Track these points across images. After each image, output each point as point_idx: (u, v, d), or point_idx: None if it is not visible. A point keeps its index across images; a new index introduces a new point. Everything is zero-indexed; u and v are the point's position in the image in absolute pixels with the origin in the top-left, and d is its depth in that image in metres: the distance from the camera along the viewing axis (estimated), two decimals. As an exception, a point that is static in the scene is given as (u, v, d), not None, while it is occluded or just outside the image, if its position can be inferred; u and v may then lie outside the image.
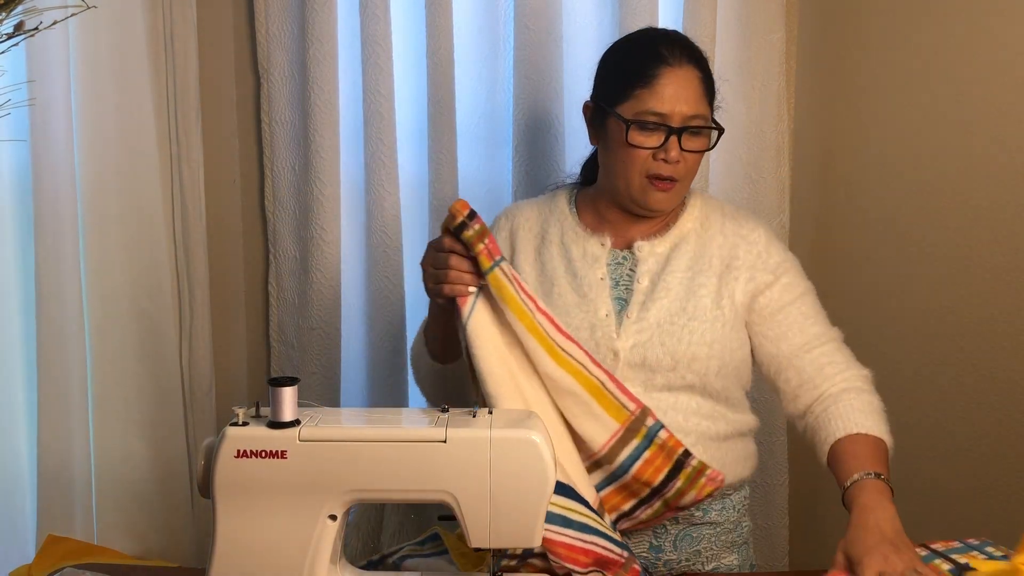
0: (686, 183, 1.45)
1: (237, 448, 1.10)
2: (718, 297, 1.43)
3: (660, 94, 1.39)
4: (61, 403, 1.64)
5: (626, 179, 1.43)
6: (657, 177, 1.41)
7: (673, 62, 1.40)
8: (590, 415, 1.34)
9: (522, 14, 1.85)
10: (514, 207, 1.58)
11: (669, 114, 1.39)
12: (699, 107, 1.41)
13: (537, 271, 1.49)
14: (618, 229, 1.49)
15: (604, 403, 1.34)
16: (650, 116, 1.39)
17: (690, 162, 1.42)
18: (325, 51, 1.83)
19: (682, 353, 1.40)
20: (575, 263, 1.47)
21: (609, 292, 1.44)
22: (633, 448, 1.34)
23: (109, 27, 1.63)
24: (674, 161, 1.40)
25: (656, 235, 1.48)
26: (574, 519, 1.25)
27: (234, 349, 1.99)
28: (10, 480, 1.66)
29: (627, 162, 1.42)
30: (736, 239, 1.48)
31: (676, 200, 1.46)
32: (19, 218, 1.64)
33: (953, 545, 1.25)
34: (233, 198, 1.96)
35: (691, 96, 1.40)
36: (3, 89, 1.24)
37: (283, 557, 1.12)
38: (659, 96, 1.39)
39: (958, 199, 1.83)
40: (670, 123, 1.39)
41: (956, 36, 1.81)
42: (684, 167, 1.42)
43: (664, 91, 1.39)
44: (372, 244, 1.91)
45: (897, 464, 1.96)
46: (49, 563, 1.34)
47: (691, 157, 1.42)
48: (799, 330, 1.45)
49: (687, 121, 1.39)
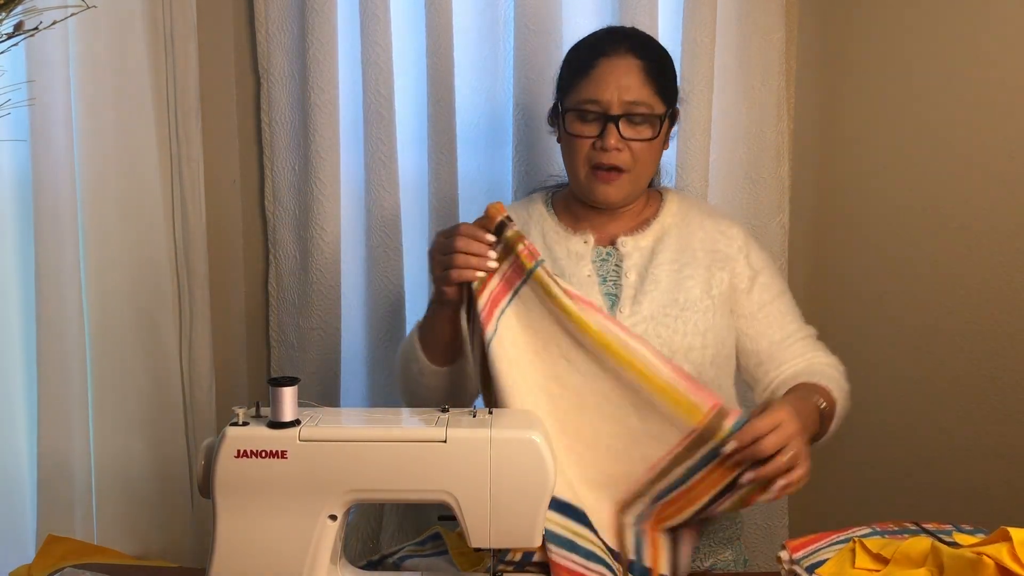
0: (637, 174, 1.44)
1: (237, 448, 1.10)
2: (707, 287, 1.45)
3: (596, 82, 1.41)
4: (61, 403, 1.64)
5: (574, 172, 1.46)
6: (599, 167, 1.42)
7: (611, 52, 1.42)
8: (655, 415, 1.25)
9: (522, 14, 1.85)
10: None
11: (606, 102, 1.40)
12: (640, 94, 1.41)
13: None
14: (597, 226, 1.51)
15: (672, 401, 1.25)
16: (588, 105, 1.42)
17: (636, 151, 1.42)
18: (325, 51, 1.83)
19: (678, 344, 1.41)
20: (560, 262, 1.48)
21: (598, 288, 1.45)
22: (703, 455, 1.25)
23: (109, 27, 1.63)
24: (613, 148, 1.40)
25: (638, 230, 1.50)
26: (581, 545, 1.24)
27: (234, 349, 1.99)
28: (10, 480, 1.66)
29: (572, 153, 1.45)
30: (716, 234, 1.50)
31: (625, 192, 1.45)
32: (19, 218, 1.64)
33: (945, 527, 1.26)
34: (233, 198, 1.96)
35: (631, 83, 1.41)
36: (3, 89, 1.24)
37: (283, 557, 1.12)
38: (595, 84, 1.41)
39: (958, 198, 1.83)
40: (608, 110, 1.40)
41: (956, 36, 1.81)
42: (629, 156, 1.42)
43: (600, 79, 1.41)
44: (372, 244, 1.91)
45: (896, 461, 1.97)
46: (49, 563, 1.34)
47: (637, 146, 1.42)
48: (778, 327, 1.48)
49: (627, 108, 1.40)
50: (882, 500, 1.96)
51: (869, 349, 1.93)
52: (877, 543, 1.17)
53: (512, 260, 1.29)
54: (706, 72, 1.86)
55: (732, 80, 1.92)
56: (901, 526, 1.27)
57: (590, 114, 1.42)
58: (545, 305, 1.28)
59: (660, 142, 1.46)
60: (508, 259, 1.30)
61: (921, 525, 1.26)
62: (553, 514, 1.23)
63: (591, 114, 1.42)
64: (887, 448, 1.97)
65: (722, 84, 1.91)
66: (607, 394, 1.27)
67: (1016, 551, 1.05)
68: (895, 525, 1.28)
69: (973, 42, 1.79)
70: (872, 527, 1.26)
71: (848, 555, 1.18)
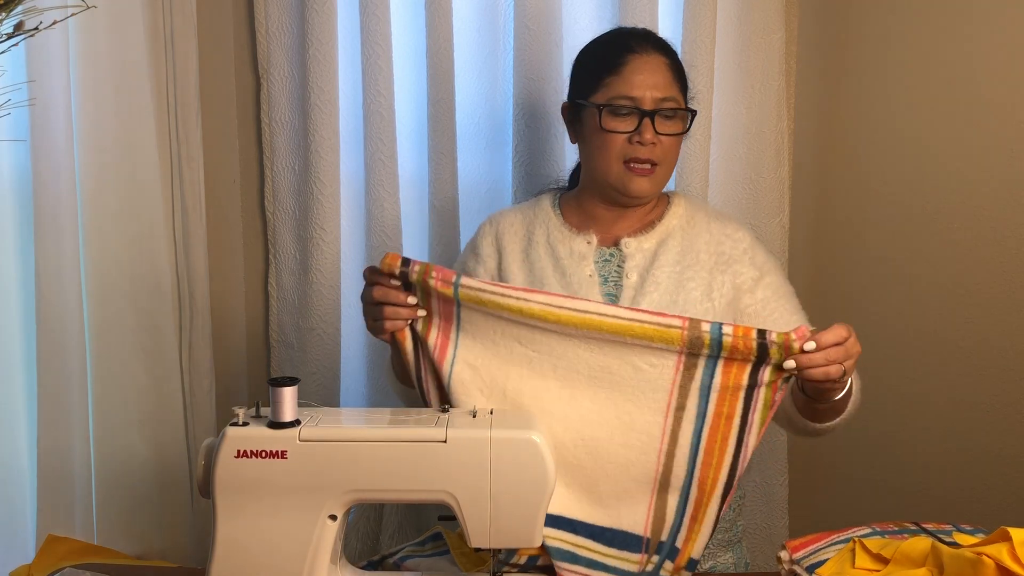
0: (665, 168, 1.47)
1: (237, 448, 1.10)
2: (708, 290, 1.45)
3: (629, 79, 1.44)
4: (61, 403, 1.64)
5: (605, 167, 1.47)
6: (635, 160, 1.45)
7: (639, 50, 1.46)
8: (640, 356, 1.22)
9: (522, 14, 1.85)
10: (497, 214, 1.61)
11: (640, 98, 1.44)
12: (670, 90, 1.45)
13: (526, 272, 1.51)
14: (603, 227, 1.52)
15: (643, 335, 1.21)
16: (622, 100, 1.44)
17: (667, 145, 1.45)
18: (325, 51, 1.83)
19: None
20: (563, 261, 1.49)
21: (599, 288, 1.46)
22: (702, 375, 1.21)
23: (109, 27, 1.63)
24: (649, 143, 1.43)
25: (642, 232, 1.50)
26: (581, 555, 1.23)
27: (234, 349, 1.99)
28: (10, 480, 1.66)
29: (604, 149, 1.46)
30: (721, 236, 1.50)
31: (657, 186, 1.48)
32: (19, 218, 1.64)
33: (945, 527, 1.26)
34: (233, 198, 1.96)
35: (660, 80, 1.45)
36: (3, 89, 1.24)
37: (283, 557, 1.12)
38: (629, 81, 1.44)
39: (958, 198, 1.83)
40: (642, 106, 1.43)
41: (956, 36, 1.81)
42: (661, 150, 1.45)
43: (633, 77, 1.44)
44: (372, 244, 1.91)
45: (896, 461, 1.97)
46: (49, 563, 1.34)
47: (667, 140, 1.45)
48: (785, 325, 1.46)
49: (659, 104, 1.44)
50: (882, 500, 1.96)
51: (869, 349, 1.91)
52: (877, 543, 1.17)
53: (436, 296, 1.26)
54: (706, 72, 1.86)
55: (732, 80, 1.92)
56: (901, 526, 1.27)
57: (624, 109, 1.44)
58: (488, 316, 1.25)
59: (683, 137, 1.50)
60: (432, 297, 1.26)
61: (921, 525, 1.26)
62: (549, 530, 1.22)
63: (625, 109, 1.44)
64: (887, 448, 1.97)
65: (722, 84, 1.91)
66: (588, 362, 1.24)
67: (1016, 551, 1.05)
68: (895, 525, 1.28)
69: (973, 42, 1.79)
70: (872, 527, 1.26)
71: (848, 555, 1.18)
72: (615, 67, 1.45)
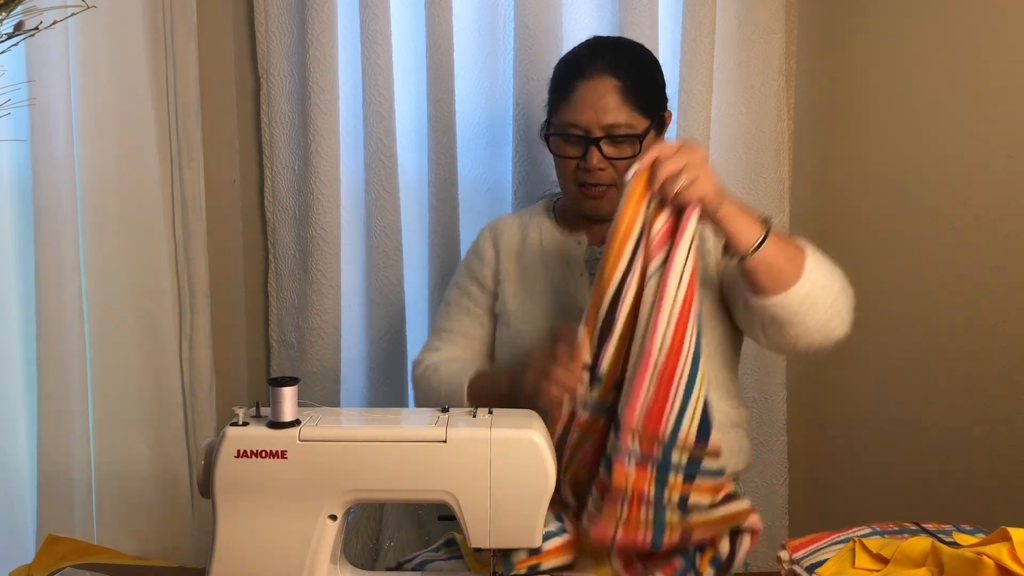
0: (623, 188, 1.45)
1: (237, 448, 1.10)
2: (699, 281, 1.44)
3: (575, 107, 1.46)
4: (61, 403, 1.64)
5: (564, 187, 1.52)
6: (583, 184, 1.48)
7: (588, 74, 1.46)
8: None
9: (522, 14, 1.85)
10: (496, 220, 1.65)
11: (586, 125, 1.45)
12: (618, 116, 1.44)
13: (519, 273, 1.54)
14: (594, 229, 1.54)
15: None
16: (570, 128, 1.46)
17: (621, 168, 1.45)
18: (325, 51, 1.83)
19: None
20: (554, 262, 1.52)
21: (589, 288, 1.46)
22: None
23: (109, 27, 1.63)
24: (596, 168, 1.45)
25: None
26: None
27: (234, 349, 1.99)
28: (10, 480, 1.66)
29: (561, 172, 1.51)
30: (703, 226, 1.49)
31: (613, 205, 1.40)
32: (19, 218, 1.64)
33: (945, 527, 1.26)
34: (233, 198, 1.96)
35: (608, 105, 1.44)
36: (3, 89, 1.24)
37: (283, 557, 1.12)
38: (574, 109, 1.46)
39: (957, 199, 1.83)
40: (590, 133, 1.44)
41: (956, 36, 1.81)
42: (613, 173, 1.46)
43: (578, 104, 1.45)
44: (372, 244, 1.91)
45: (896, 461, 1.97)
46: (49, 563, 1.34)
47: (620, 164, 1.45)
48: None
49: (607, 130, 1.44)
50: (882, 500, 1.96)
51: (869, 348, 1.93)
52: (877, 543, 1.17)
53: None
54: (706, 72, 1.86)
55: (732, 80, 1.92)
56: (901, 526, 1.27)
57: (572, 137, 1.47)
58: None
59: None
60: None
61: (921, 525, 1.26)
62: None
63: (573, 137, 1.47)
64: (887, 448, 1.97)
65: (722, 84, 1.91)
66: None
67: (1016, 551, 1.05)
68: (895, 525, 1.28)
69: (974, 42, 1.79)
70: (872, 527, 1.26)
71: (848, 555, 1.18)
72: (565, 93, 1.47)
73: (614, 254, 1.25)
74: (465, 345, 1.58)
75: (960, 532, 1.23)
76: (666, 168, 1.20)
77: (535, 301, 1.50)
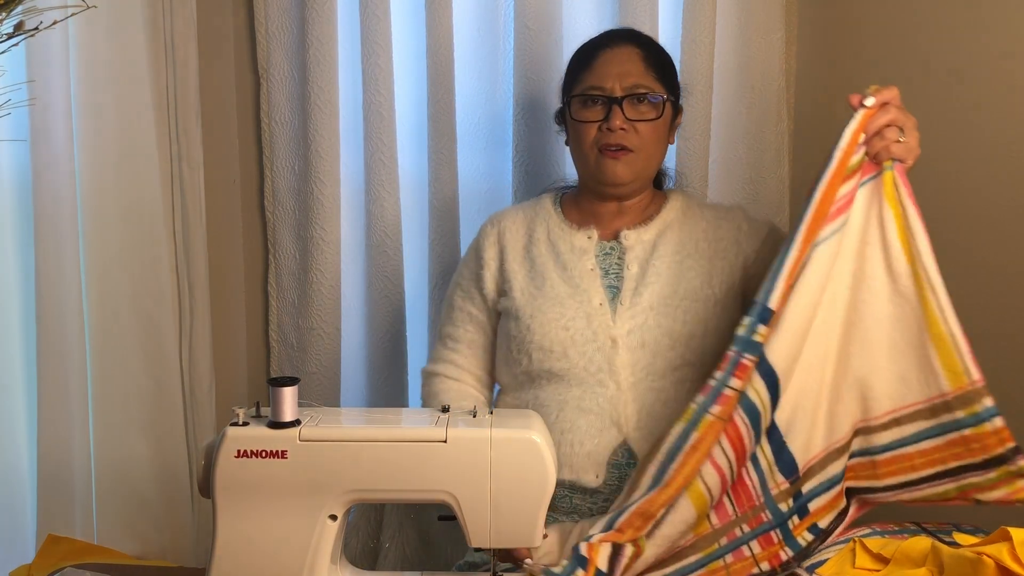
0: (643, 156, 1.50)
1: (237, 448, 1.11)
2: (708, 277, 1.47)
3: (598, 71, 1.50)
4: (61, 403, 1.64)
5: (583, 156, 1.52)
6: (606, 146, 1.48)
7: (612, 44, 1.52)
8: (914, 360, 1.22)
9: (522, 14, 1.85)
10: (499, 213, 1.64)
11: (609, 87, 1.48)
12: (641, 78, 1.48)
13: (527, 268, 1.53)
14: (603, 222, 1.55)
15: (944, 353, 1.22)
16: (592, 91, 1.49)
17: (642, 131, 1.48)
18: (325, 51, 1.83)
19: (679, 332, 1.43)
20: (564, 256, 1.51)
21: (600, 281, 1.48)
22: (943, 423, 1.21)
23: (109, 27, 1.63)
24: (618, 128, 1.47)
25: (641, 224, 1.53)
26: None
27: (234, 349, 1.99)
28: (10, 480, 1.66)
29: (580, 139, 1.51)
30: (717, 220, 1.54)
31: (634, 172, 1.50)
32: (19, 218, 1.64)
33: (945, 527, 1.26)
34: (233, 198, 1.96)
35: (631, 69, 1.49)
36: (3, 89, 1.24)
37: (283, 557, 1.12)
38: (597, 73, 1.50)
39: (957, 199, 1.83)
40: (611, 94, 1.47)
41: (956, 36, 1.81)
42: (636, 138, 1.48)
43: (601, 68, 1.50)
44: (372, 244, 1.91)
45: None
46: (49, 563, 1.34)
47: (642, 127, 1.48)
48: None
49: (629, 90, 1.47)
50: (882, 500, 1.96)
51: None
52: (877, 543, 1.17)
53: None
54: (706, 72, 1.86)
55: (732, 80, 1.92)
56: (901, 526, 1.28)
57: (594, 99, 1.49)
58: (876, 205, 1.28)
59: (665, 126, 1.52)
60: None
61: (921, 525, 1.27)
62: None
63: (595, 99, 1.49)
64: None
65: (722, 84, 1.91)
66: (878, 317, 1.26)
67: (1016, 551, 1.05)
68: (895, 525, 1.28)
69: (974, 41, 1.79)
70: (872, 527, 1.27)
71: (848, 555, 1.18)
72: (588, 62, 1.51)
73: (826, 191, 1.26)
74: (470, 354, 1.60)
75: (960, 532, 1.23)
76: (898, 117, 1.25)
77: (544, 296, 1.49)
